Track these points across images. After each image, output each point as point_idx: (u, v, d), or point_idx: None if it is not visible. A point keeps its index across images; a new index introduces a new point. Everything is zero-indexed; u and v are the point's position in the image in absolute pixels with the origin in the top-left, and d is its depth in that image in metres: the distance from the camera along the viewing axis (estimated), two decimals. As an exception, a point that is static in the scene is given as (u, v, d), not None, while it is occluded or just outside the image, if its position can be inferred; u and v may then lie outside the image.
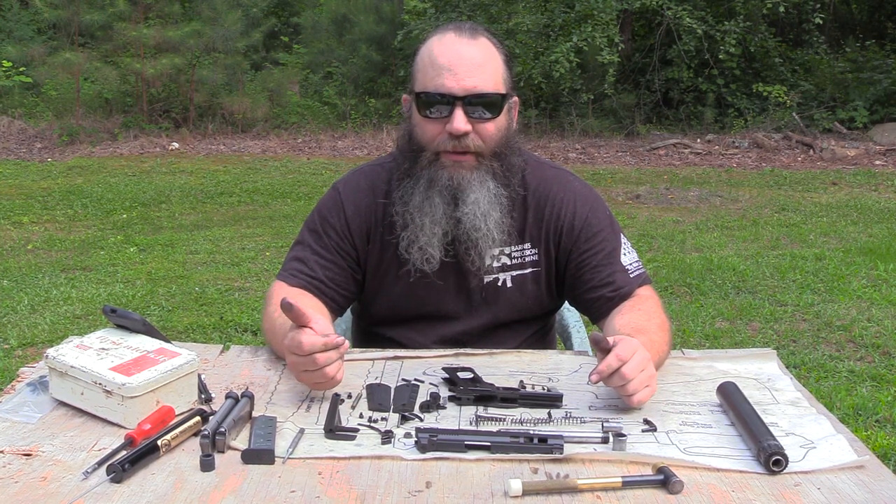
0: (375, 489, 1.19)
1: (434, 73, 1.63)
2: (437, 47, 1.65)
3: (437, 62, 1.63)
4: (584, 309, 1.84)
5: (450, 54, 1.63)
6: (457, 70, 1.62)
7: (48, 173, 9.50)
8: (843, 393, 3.65)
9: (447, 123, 1.63)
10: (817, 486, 1.22)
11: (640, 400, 1.42)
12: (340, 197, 1.82)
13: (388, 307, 1.84)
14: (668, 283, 5.31)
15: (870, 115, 11.86)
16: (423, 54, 1.68)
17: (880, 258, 5.87)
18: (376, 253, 1.80)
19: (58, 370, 1.42)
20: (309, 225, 1.83)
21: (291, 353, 1.42)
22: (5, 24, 14.75)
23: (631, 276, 1.77)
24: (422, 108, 1.66)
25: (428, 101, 1.64)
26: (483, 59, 1.65)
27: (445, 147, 1.66)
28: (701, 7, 11.92)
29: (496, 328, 1.83)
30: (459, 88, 1.61)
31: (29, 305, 4.89)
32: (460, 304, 1.80)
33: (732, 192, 8.56)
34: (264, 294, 2.08)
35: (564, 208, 1.80)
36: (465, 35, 1.66)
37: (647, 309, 1.71)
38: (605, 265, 1.77)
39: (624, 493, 1.19)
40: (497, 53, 1.69)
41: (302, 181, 9.13)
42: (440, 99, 1.63)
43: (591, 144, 11.55)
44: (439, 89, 1.62)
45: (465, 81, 1.61)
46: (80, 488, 1.18)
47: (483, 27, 1.72)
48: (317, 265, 1.77)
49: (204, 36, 11.59)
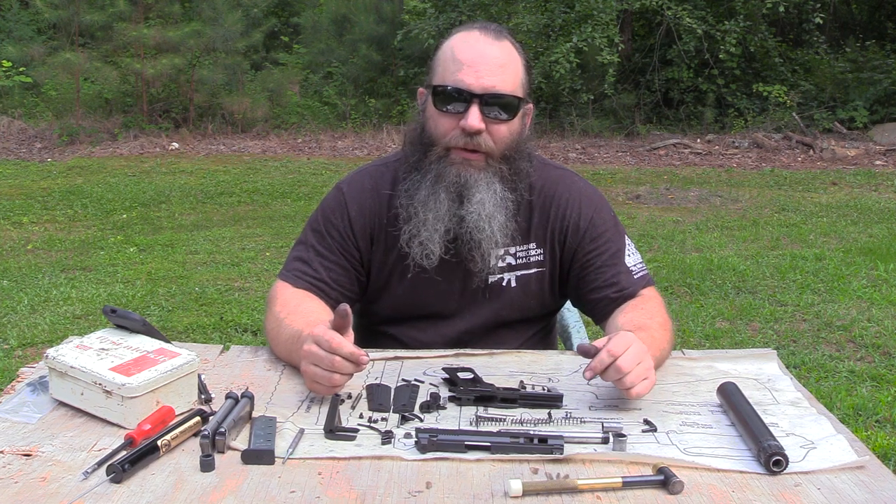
0: (375, 489, 1.19)
1: (454, 68, 1.63)
2: (460, 44, 1.65)
3: (458, 58, 1.63)
4: (589, 310, 1.84)
5: (472, 52, 1.63)
6: (477, 67, 1.61)
7: (48, 173, 9.50)
8: (843, 393, 3.65)
9: (461, 119, 1.62)
10: (817, 487, 1.21)
11: (639, 392, 1.42)
12: (344, 198, 1.81)
13: (391, 306, 1.84)
14: (668, 283, 5.30)
15: (870, 115, 11.86)
16: (445, 49, 1.68)
17: (880, 258, 5.87)
18: (381, 254, 1.79)
19: (58, 370, 1.42)
20: (312, 225, 1.82)
21: (315, 343, 1.42)
22: (5, 24, 14.75)
23: (635, 278, 1.78)
24: (438, 102, 1.65)
25: (445, 95, 1.64)
26: (504, 60, 1.64)
27: (457, 143, 1.65)
28: (701, 7, 11.91)
29: (498, 327, 1.83)
30: (478, 86, 1.61)
31: (29, 305, 4.89)
32: (463, 303, 1.80)
33: (732, 192, 8.56)
34: (265, 294, 2.08)
35: (570, 208, 1.80)
36: (489, 35, 1.66)
37: (649, 308, 1.71)
38: (609, 266, 1.77)
39: (624, 494, 1.19)
40: (519, 58, 1.68)
41: (302, 181, 9.13)
42: (457, 95, 1.62)
43: (591, 144, 11.55)
44: (458, 84, 1.62)
45: (484, 80, 1.61)
46: (80, 488, 1.18)
47: (508, 30, 1.72)
48: (320, 266, 1.77)
49: (204, 36, 11.58)
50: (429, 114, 1.69)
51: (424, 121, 1.70)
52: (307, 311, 1.67)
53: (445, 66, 1.65)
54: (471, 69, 1.61)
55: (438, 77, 1.66)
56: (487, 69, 1.62)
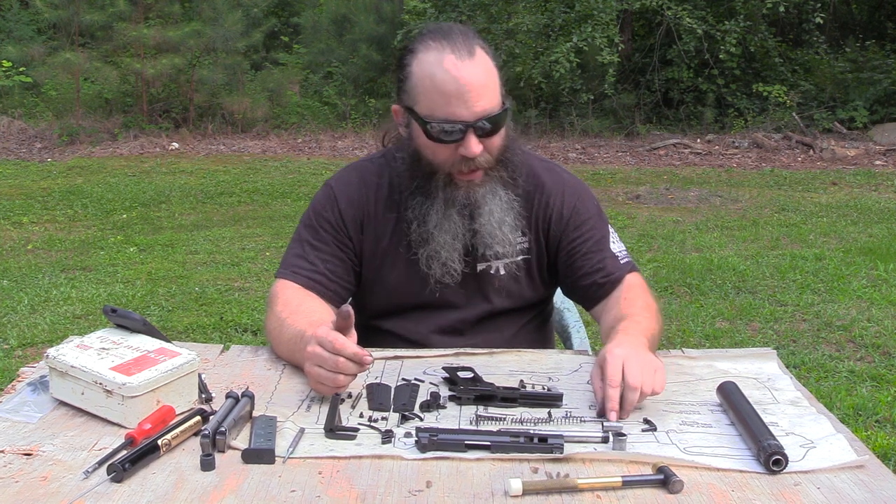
0: (376, 489, 1.19)
1: (443, 102, 1.60)
2: (439, 73, 1.60)
3: (442, 90, 1.60)
4: (578, 297, 1.88)
5: (455, 82, 1.59)
6: (465, 98, 1.59)
7: (48, 173, 9.50)
8: (843, 393, 3.65)
9: (459, 147, 1.63)
10: (817, 486, 1.22)
11: (661, 387, 1.45)
12: (333, 192, 1.86)
13: (385, 297, 1.86)
14: (668, 283, 5.31)
15: (870, 115, 11.85)
16: (419, 75, 1.63)
17: (880, 258, 5.87)
18: (371, 242, 1.83)
19: (58, 370, 1.42)
20: (304, 222, 1.86)
21: (318, 344, 1.43)
22: (5, 24, 14.75)
23: (621, 263, 1.82)
24: (432, 135, 1.63)
25: (438, 128, 1.62)
26: (486, 77, 1.62)
27: (459, 168, 1.67)
28: (701, 7, 11.91)
29: (492, 316, 1.85)
30: (470, 115, 1.60)
31: (29, 305, 4.89)
32: (455, 293, 1.82)
33: (732, 192, 8.56)
34: (265, 294, 2.09)
35: (553, 197, 1.83)
36: (464, 55, 1.60)
37: (631, 297, 1.75)
38: (595, 252, 1.81)
39: (624, 493, 1.19)
40: (492, 64, 1.66)
41: (302, 181, 9.13)
42: (451, 126, 1.61)
43: (591, 144, 11.55)
44: (450, 118, 1.60)
45: (474, 108, 1.60)
46: (80, 488, 1.18)
47: (473, 33, 1.68)
48: (317, 259, 1.79)
49: (204, 36, 11.58)
50: (422, 143, 1.68)
51: (417, 147, 1.70)
52: (309, 310, 1.68)
53: (430, 98, 1.62)
54: (459, 100, 1.59)
55: (424, 108, 1.63)
56: (474, 95, 1.60)
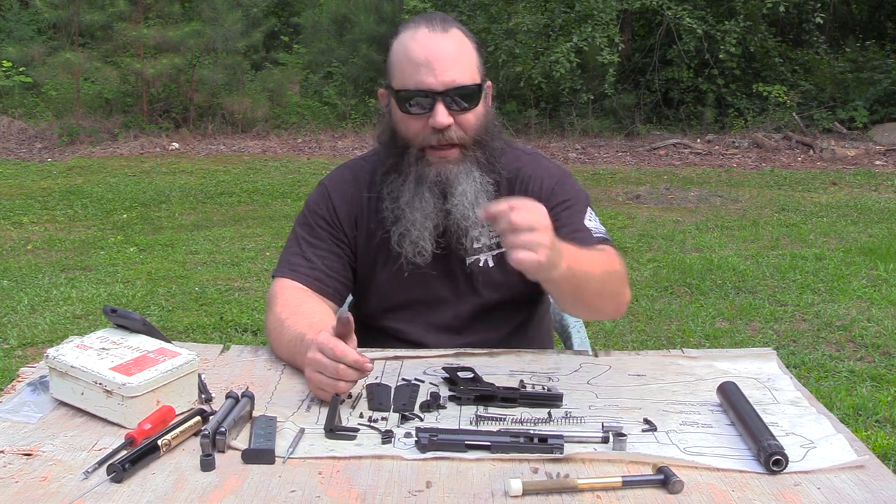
0: (376, 489, 1.19)
1: (412, 70, 1.65)
2: (411, 44, 1.66)
3: (413, 58, 1.65)
4: None
5: (425, 50, 1.64)
6: (434, 65, 1.63)
7: (48, 173, 9.50)
8: (843, 393, 3.65)
9: (429, 118, 1.65)
10: (817, 486, 1.22)
11: (519, 259, 1.35)
12: (327, 190, 1.87)
13: (379, 295, 1.86)
14: (668, 283, 5.31)
15: (870, 115, 11.85)
16: (397, 50, 1.70)
17: (880, 258, 5.87)
18: (363, 239, 1.84)
19: (58, 370, 1.42)
20: (300, 221, 1.87)
21: (319, 351, 1.43)
22: (5, 24, 14.75)
23: (593, 236, 1.75)
24: (403, 106, 1.68)
25: (408, 99, 1.66)
26: (457, 51, 1.67)
27: (430, 142, 1.68)
28: (701, 7, 11.91)
29: (486, 311, 1.84)
30: (438, 83, 1.63)
31: (29, 305, 4.89)
32: (447, 289, 1.82)
33: (732, 192, 8.56)
34: (265, 294, 2.09)
35: (532, 184, 1.82)
36: (437, 29, 1.67)
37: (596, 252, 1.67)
38: (566, 226, 1.73)
39: (624, 493, 1.19)
40: (469, 42, 1.70)
41: (302, 181, 9.12)
42: (420, 95, 1.65)
43: (591, 144, 11.55)
44: (419, 86, 1.64)
45: (443, 76, 1.63)
46: (80, 488, 1.18)
47: (454, 19, 1.74)
48: (314, 256, 1.80)
49: (204, 36, 11.58)
50: (397, 118, 1.71)
51: (393, 124, 1.73)
52: (309, 311, 1.68)
53: (402, 69, 1.67)
54: (428, 69, 1.63)
55: (398, 80, 1.68)
56: (443, 65, 1.63)
